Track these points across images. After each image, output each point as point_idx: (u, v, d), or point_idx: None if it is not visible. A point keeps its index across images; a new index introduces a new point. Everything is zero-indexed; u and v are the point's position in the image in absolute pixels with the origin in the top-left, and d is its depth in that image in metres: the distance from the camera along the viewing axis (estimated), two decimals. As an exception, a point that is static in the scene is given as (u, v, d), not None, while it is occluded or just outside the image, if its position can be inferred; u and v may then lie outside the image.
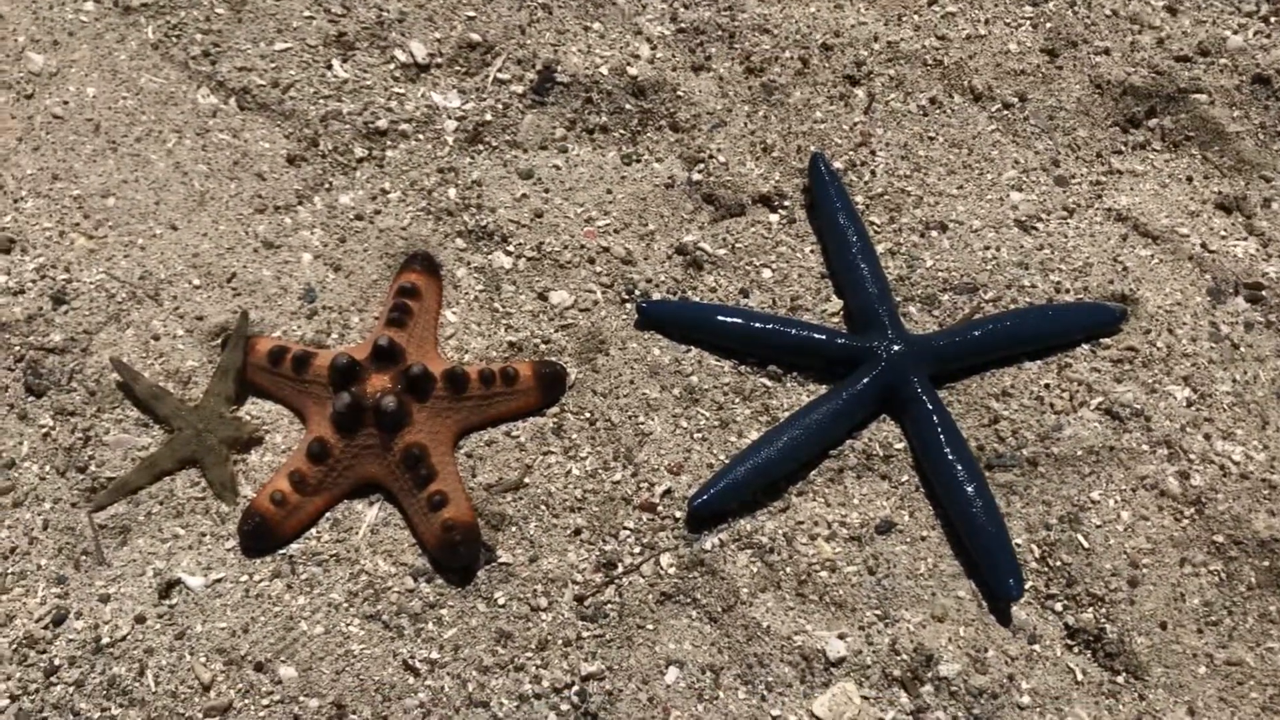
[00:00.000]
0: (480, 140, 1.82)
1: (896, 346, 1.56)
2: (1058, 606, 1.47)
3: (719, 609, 1.44)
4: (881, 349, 1.56)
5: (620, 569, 1.47)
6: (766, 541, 1.49)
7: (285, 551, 1.46)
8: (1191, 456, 1.57)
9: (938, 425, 1.52)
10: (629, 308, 1.67)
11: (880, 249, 1.74)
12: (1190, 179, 1.85)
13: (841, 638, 1.42)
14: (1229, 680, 1.43)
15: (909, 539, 1.51)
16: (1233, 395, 1.62)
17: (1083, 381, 1.63)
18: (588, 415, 1.58)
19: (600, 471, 1.54)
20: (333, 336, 1.62)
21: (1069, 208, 1.80)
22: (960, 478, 1.48)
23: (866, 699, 1.39)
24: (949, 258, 1.74)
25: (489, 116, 1.83)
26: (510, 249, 1.71)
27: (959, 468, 1.48)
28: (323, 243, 1.70)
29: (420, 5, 1.93)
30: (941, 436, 1.51)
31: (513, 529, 1.49)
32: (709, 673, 1.40)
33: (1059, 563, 1.49)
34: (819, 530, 1.50)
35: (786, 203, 1.78)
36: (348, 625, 1.41)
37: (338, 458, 1.47)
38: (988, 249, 1.75)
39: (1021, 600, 1.46)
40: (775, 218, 1.77)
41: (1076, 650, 1.45)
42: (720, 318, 1.61)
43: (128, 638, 1.39)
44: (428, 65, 1.88)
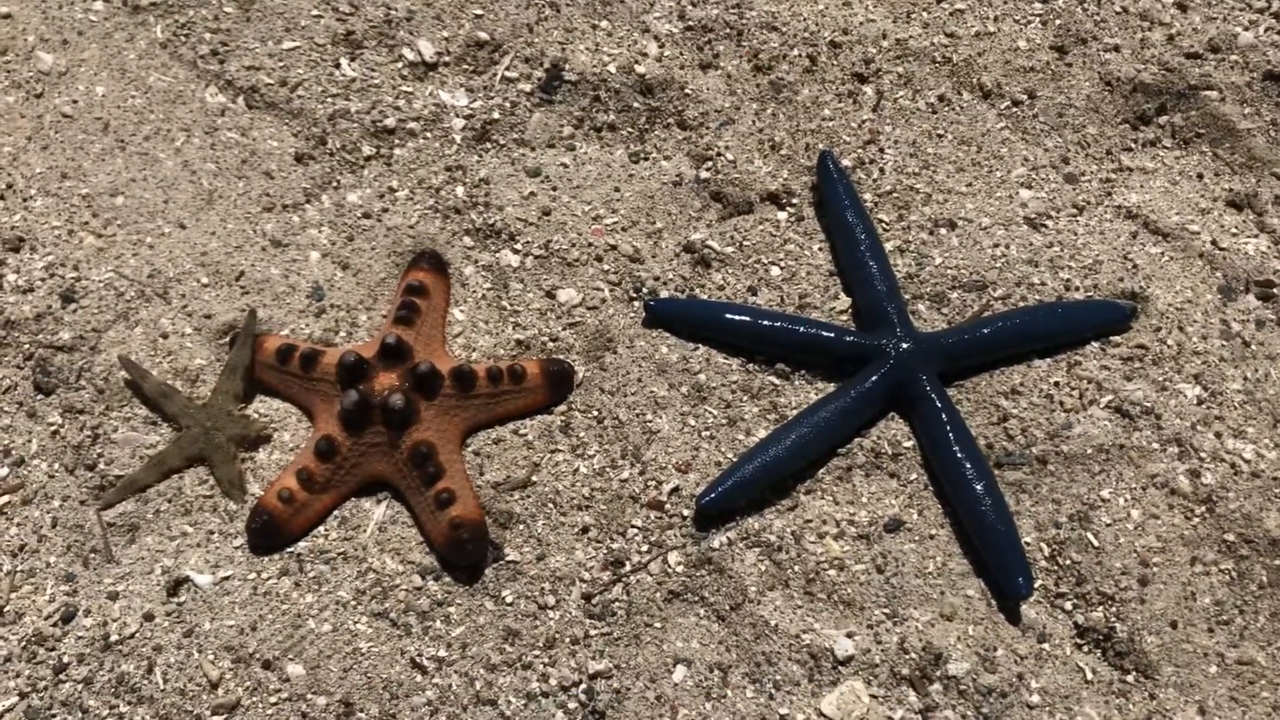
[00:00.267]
0: (488, 138, 1.82)
1: (905, 344, 1.56)
2: (1067, 605, 1.46)
3: (727, 607, 1.44)
4: (890, 347, 1.56)
5: (628, 567, 1.47)
6: (775, 540, 1.48)
7: (293, 549, 1.46)
8: (1202, 455, 1.56)
9: (947, 423, 1.51)
10: (637, 306, 1.67)
11: (889, 246, 1.73)
12: (1201, 176, 1.84)
13: (850, 636, 1.42)
14: (1240, 680, 1.42)
15: (918, 537, 1.50)
16: (1244, 393, 1.62)
17: (1092, 379, 1.62)
18: (595, 413, 1.58)
19: (608, 470, 1.54)
20: (340, 334, 1.62)
21: (1079, 205, 1.80)
22: (969, 476, 1.47)
23: (875, 697, 1.39)
24: (958, 255, 1.73)
25: (497, 115, 1.83)
26: (518, 247, 1.71)
27: (968, 466, 1.48)
28: (331, 241, 1.70)
29: (428, 4, 1.93)
30: (950, 435, 1.50)
31: (520, 527, 1.49)
32: (717, 671, 1.40)
33: (1068, 561, 1.48)
34: (827, 528, 1.50)
35: (795, 200, 1.78)
36: (355, 623, 1.41)
37: (345, 455, 1.47)
38: (997, 246, 1.75)
39: (1031, 599, 1.46)
40: (783, 215, 1.77)
41: (1086, 649, 1.44)
42: (728, 315, 1.61)
43: (136, 635, 1.40)
44: (435, 64, 1.88)
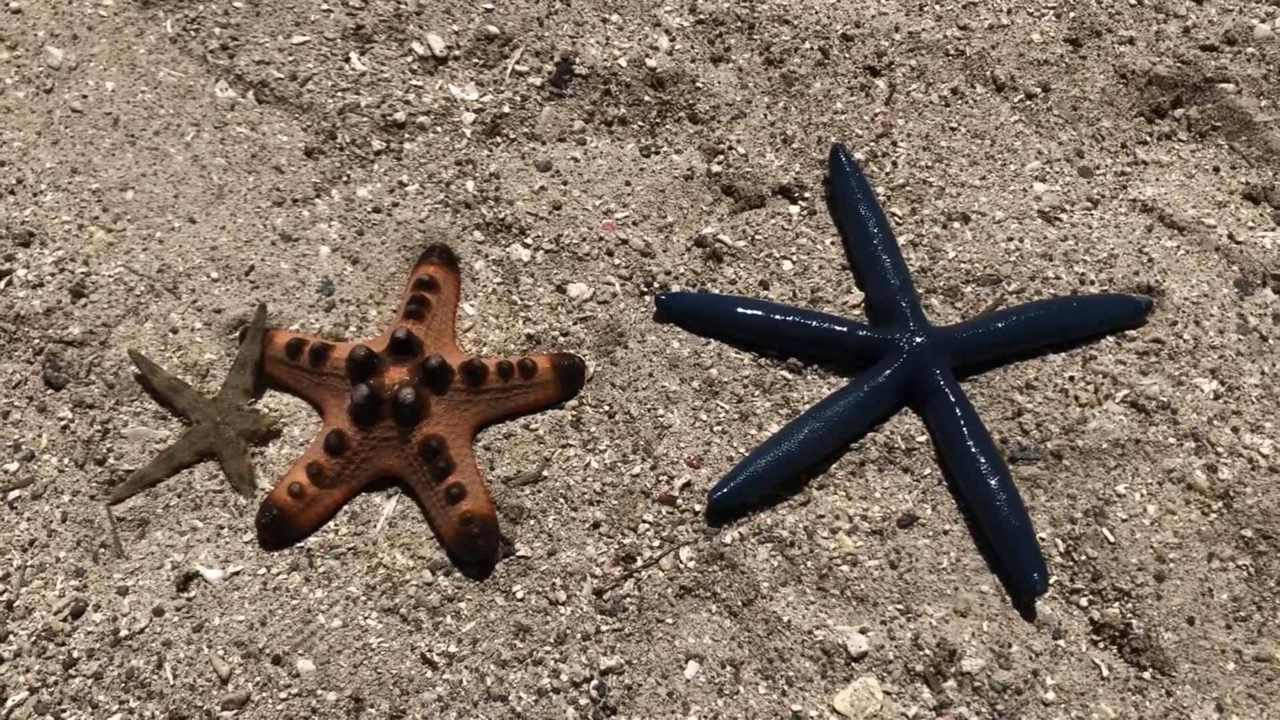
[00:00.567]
0: (498, 132, 1.81)
1: (919, 339, 1.55)
2: (1083, 601, 1.45)
3: (739, 603, 1.43)
4: (903, 341, 1.55)
5: (639, 562, 1.46)
6: (787, 535, 1.47)
7: (303, 544, 1.46)
8: (1219, 449, 1.55)
9: (960, 418, 1.50)
10: (648, 300, 1.66)
11: (902, 240, 1.72)
12: (1217, 169, 1.82)
13: (863, 632, 1.41)
14: (1258, 676, 1.41)
15: (931, 533, 1.49)
16: (1261, 387, 1.60)
17: (1108, 374, 1.61)
18: (606, 408, 1.57)
19: (619, 464, 1.53)
20: (350, 329, 1.62)
21: (1093, 199, 1.78)
22: (983, 471, 1.46)
23: (889, 694, 1.38)
24: (971, 249, 1.72)
25: (507, 109, 1.83)
26: (528, 241, 1.70)
27: (982, 461, 1.47)
28: (341, 235, 1.70)
29: (438, -2, 1.92)
30: (964, 429, 1.49)
31: (531, 522, 1.48)
32: (729, 667, 1.39)
33: (1084, 557, 1.47)
34: (840, 524, 1.49)
35: (807, 194, 1.77)
36: (365, 618, 1.41)
37: (355, 450, 1.46)
38: (1011, 240, 1.73)
39: (1046, 595, 1.44)
40: (795, 209, 1.76)
41: (1102, 646, 1.43)
42: (740, 310, 1.60)
43: (146, 630, 1.39)
44: (445, 58, 1.87)
